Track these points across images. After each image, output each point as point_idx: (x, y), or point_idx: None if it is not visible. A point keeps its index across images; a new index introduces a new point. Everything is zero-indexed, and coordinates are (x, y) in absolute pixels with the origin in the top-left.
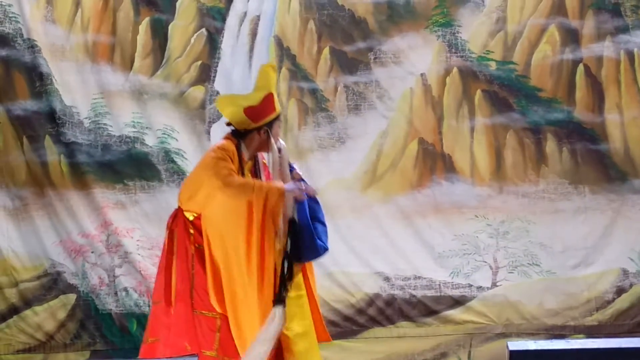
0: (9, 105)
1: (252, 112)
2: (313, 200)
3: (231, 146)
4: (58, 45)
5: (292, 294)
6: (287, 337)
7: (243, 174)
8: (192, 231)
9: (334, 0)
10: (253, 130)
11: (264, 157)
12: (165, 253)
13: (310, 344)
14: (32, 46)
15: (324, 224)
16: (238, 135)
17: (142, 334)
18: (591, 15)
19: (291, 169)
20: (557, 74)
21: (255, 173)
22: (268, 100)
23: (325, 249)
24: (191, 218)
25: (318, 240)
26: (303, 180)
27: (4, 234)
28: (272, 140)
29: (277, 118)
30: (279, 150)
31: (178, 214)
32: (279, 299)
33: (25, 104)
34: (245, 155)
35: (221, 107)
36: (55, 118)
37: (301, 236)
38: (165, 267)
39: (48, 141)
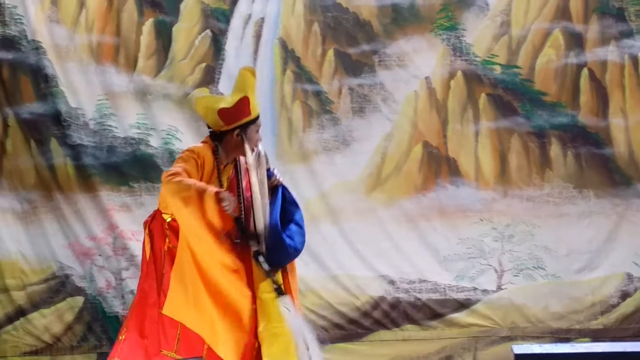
0: (16, 109)
1: (225, 113)
2: (291, 203)
3: (203, 149)
4: (63, 46)
5: (269, 295)
6: (264, 337)
7: (219, 178)
8: (167, 232)
9: (338, 3)
10: (228, 132)
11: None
12: (144, 254)
13: (286, 346)
14: (37, 47)
15: (300, 226)
16: (216, 137)
17: None
18: (595, 20)
19: (269, 174)
20: (561, 78)
21: (237, 177)
22: (243, 103)
23: (295, 249)
24: (168, 219)
25: (287, 239)
26: (283, 186)
27: (13, 237)
28: (246, 145)
29: (252, 122)
30: (258, 155)
31: (156, 215)
32: (279, 291)
33: (32, 107)
34: (224, 158)
35: (197, 106)
36: (60, 120)
37: (267, 239)
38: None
39: (54, 143)
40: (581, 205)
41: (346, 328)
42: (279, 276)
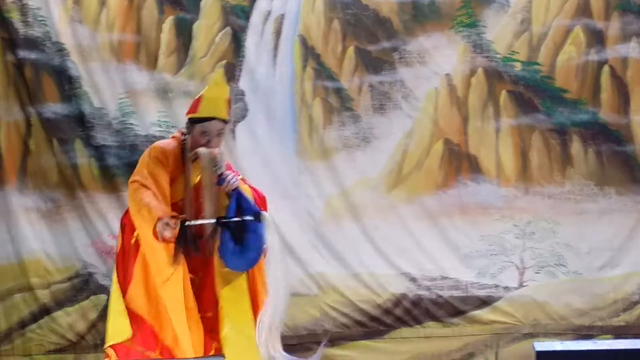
0: (38, 108)
1: (193, 101)
2: (247, 211)
3: (169, 145)
4: (85, 46)
5: (232, 304)
6: (228, 342)
7: (186, 173)
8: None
9: None
10: None
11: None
12: (118, 248)
13: (243, 346)
14: (60, 49)
15: (259, 235)
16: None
17: None
18: (616, 17)
19: (220, 182)
20: (582, 75)
21: None
22: (198, 100)
23: (251, 261)
24: None
25: (231, 249)
26: (238, 193)
27: (37, 236)
28: (187, 136)
29: (197, 122)
30: (196, 155)
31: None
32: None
33: (55, 107)
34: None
35: None
36: (84, 121)
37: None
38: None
39: (79, 144)
40: (602, 202)
41: (368, 325)
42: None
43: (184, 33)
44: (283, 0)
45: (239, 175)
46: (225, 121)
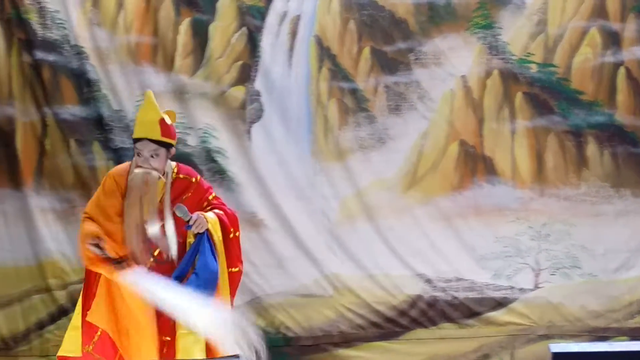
0: (54, 109)
1: None
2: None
3: (125, 170)
4: (103, 49)
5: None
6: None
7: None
8: None
9: (374, 0)
10: None
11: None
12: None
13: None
14: (79, 52)
15: (203, 277)
16: None
17: None
18: (633, 19)
19: (188, 228)
20: (598, 76)
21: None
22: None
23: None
24: None
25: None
26: (205, 235)
27: (53, 236)
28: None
29: (135, 141)
30: (141, 177)
31: None
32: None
33: (74, 110)
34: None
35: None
36: (103, 124)
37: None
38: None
39: (97, 147)
40: (618, 204)
41: (383, 327)
42: None
43: (200, 34)
44: (299, 0)
45: (211, 192)
46: (159, 142)
